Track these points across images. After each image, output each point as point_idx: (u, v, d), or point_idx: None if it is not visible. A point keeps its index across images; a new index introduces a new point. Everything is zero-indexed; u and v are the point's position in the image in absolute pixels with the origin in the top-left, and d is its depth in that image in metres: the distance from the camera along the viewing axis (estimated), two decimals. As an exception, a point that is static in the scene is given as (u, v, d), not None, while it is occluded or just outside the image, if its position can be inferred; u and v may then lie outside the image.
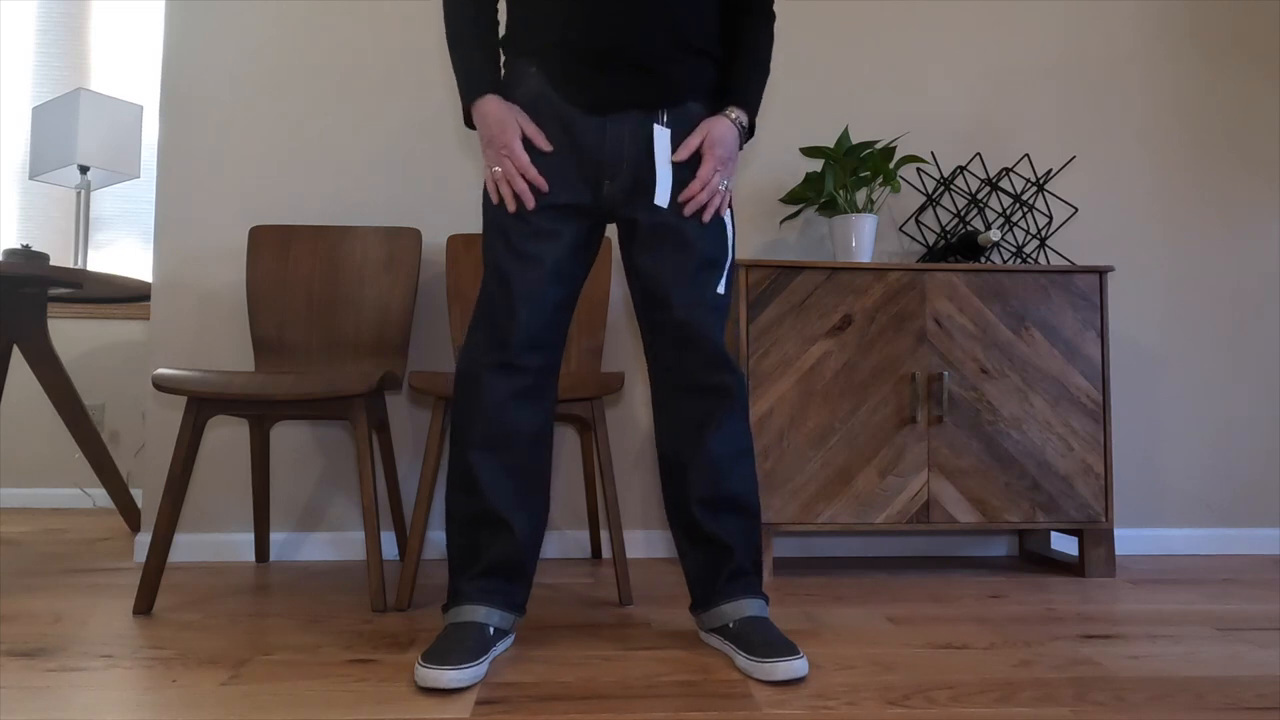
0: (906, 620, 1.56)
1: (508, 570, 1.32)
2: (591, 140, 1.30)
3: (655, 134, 1.29)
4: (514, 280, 1.29)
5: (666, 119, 1.31)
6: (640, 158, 1.31)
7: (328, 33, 2.24)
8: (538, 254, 1.29)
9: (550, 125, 1.30)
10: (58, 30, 3.26)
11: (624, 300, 2.25)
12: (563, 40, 1.28)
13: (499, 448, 1.31)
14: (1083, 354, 1.98)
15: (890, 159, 2.04)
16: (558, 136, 1.30)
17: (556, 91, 1.30)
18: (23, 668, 1.25)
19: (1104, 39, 2.38)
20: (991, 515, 1.94)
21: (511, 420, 1.31)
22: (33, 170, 2.76)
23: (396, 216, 2.23)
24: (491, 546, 1.31)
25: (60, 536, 2.48)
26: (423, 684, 1.15)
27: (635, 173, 1.31)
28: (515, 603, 1.33)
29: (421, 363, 2.21)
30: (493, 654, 1.26)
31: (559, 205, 1.31)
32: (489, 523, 1.31)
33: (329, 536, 2.16)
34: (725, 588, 1.34)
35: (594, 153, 1.30)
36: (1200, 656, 1.34)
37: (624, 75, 1.28)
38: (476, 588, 1.30)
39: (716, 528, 1.34)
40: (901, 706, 1.11)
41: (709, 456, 1.33)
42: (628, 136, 1.30)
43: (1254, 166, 2.39)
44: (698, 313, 1.31)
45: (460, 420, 1.32)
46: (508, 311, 1.29)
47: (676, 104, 1.32)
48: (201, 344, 2.17)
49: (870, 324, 1.95)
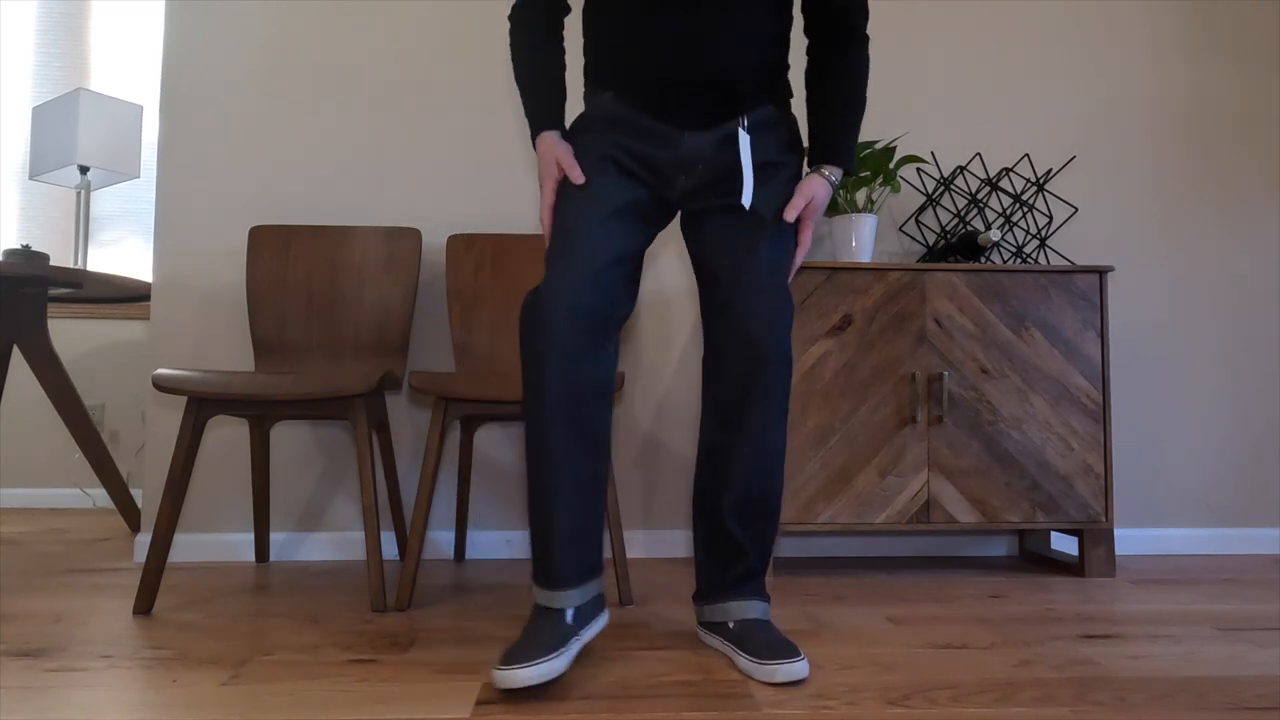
0: (906, 620, 1.56)
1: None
2: (669, 141, 1.33)
3: (740, 139, 1.32)
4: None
5: (747, 124, 1.34)
6: (715, 157, 1.33)
7: (328, 33, 2.24)
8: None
9: (629, 128, 1.34)
10: (58, 30, 3.26)
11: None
12: (630, 73, 1.32)
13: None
14: (1083, 354, 1.98)
15: (890, 159, 2.04)
16: (637, 135, 1.33)
17: (635, 111, 1.34)
18: (23, 668, 1.25)
19: (1104, 39, 2.38)
20: (991, 515, 1.94)
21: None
22: (33, 170, 2.76)
23: (396, 216, 2.23)
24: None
25: (60, 536, 2.48)
26: (500, 686, 1.11)
27: (712, 171, 1.34)
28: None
29: (421, 363, 2.21)
30: (582, 639, 1.23)
31: (629, 169, 1.34)
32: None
33: (329, 536, 2.16)
34: (733, 586, 1.34)
35: (673, 155, 1.33)
36: (1200, 656, 1.34)
37: (696, 100, 1.31)
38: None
39: (739, 527, 1.33)
40: (901, 706, 1.11)
41: (746, 453, 1.31)
42: (707, 142, 1.33)
43: (1254, 167, 2.39)
44: (757, 307, 1.30)
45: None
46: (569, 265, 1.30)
47: (752, 110, 1.35)
48: (201, 344, 2.17)
49: (870, 324, 1.95)
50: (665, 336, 2.25)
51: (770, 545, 1.36)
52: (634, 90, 1.33)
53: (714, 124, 1.33)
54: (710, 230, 1.35)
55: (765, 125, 1.35)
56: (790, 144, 1.39)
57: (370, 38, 2.25)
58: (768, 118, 1.36)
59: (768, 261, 1.31)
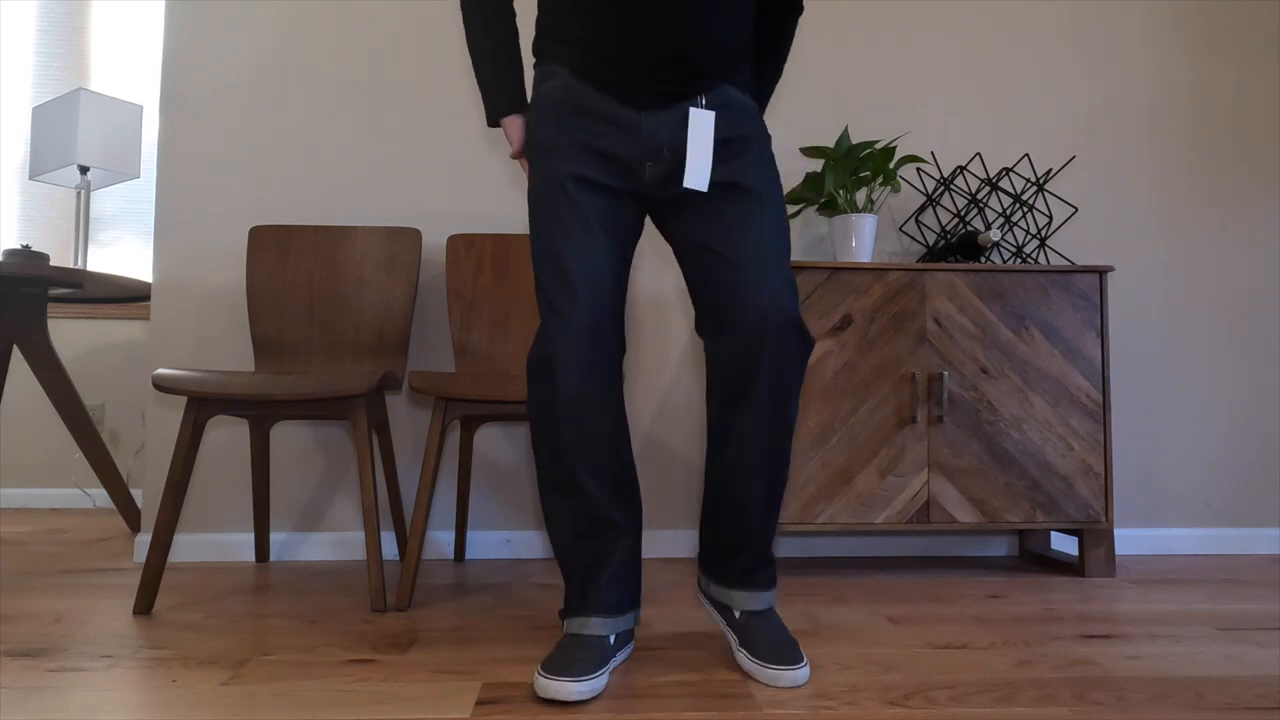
0: (906, 620, 1.56)
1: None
2: (629, 129, 1.28)
3: (692, 116, 1.26)
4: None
5: (705, 103, 1.29)
6: (677, 139, 1.28)
7: (328, 33, 2.24)
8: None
9: (587, 118, 1.28)
10: (58, 30, 3.26)
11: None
12: (590, 43, 1.27)
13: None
14: (1083, 354, 1.98)
15: (890, 159, 2.04)
16: (596, 127, 1.28)
17: (590, 88, 1.28)
18: (23, 668, 1.25)
19: (1104, 39, 2.38)
20: (991, 515, 1.94)
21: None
22: (33, 170, 2.76)
23: (396, 216, 2.23)
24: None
25: (60, 536, 2.48)
26: (543, 695, 1.13)
27: (679, 155, 1.29)
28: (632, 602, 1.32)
29: (421, 363, 2.21)
30: (614, 663, 1.25)
31: (597, 183, 1.29)
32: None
33: (329, 536, 2.16)
34: (741, 574, 1.31)
35: (636, 146, 1.28)
36: (1200, 656, 1.34)
37: (655, 74, 1.26)
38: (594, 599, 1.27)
39: (744, 507, 1.29)
40: (901, 706, 1.11)
41: (749, 433, 1.26)
42: (665, 124, 1.28)
43: (1254, 166, 2.39)
44: (768, 279, 1.25)
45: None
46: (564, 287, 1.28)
47: (711, 90, 1.30)
48: (201, 344, 2.17)
49: (870, 324, 1.95)
50: (665, 336, 2.25)
51: (774, 527, 1.32)
52: (590, 63, 1.27)
53: (672, 103, 1.28)
54: (696, 211, 1.30)
55: (729, 104, 1.30)
56: (756, 123, 1.34)
57: (370, 38, 2.25)
58: (729, 99, 1.31)
59: (770, 233, 1.27)
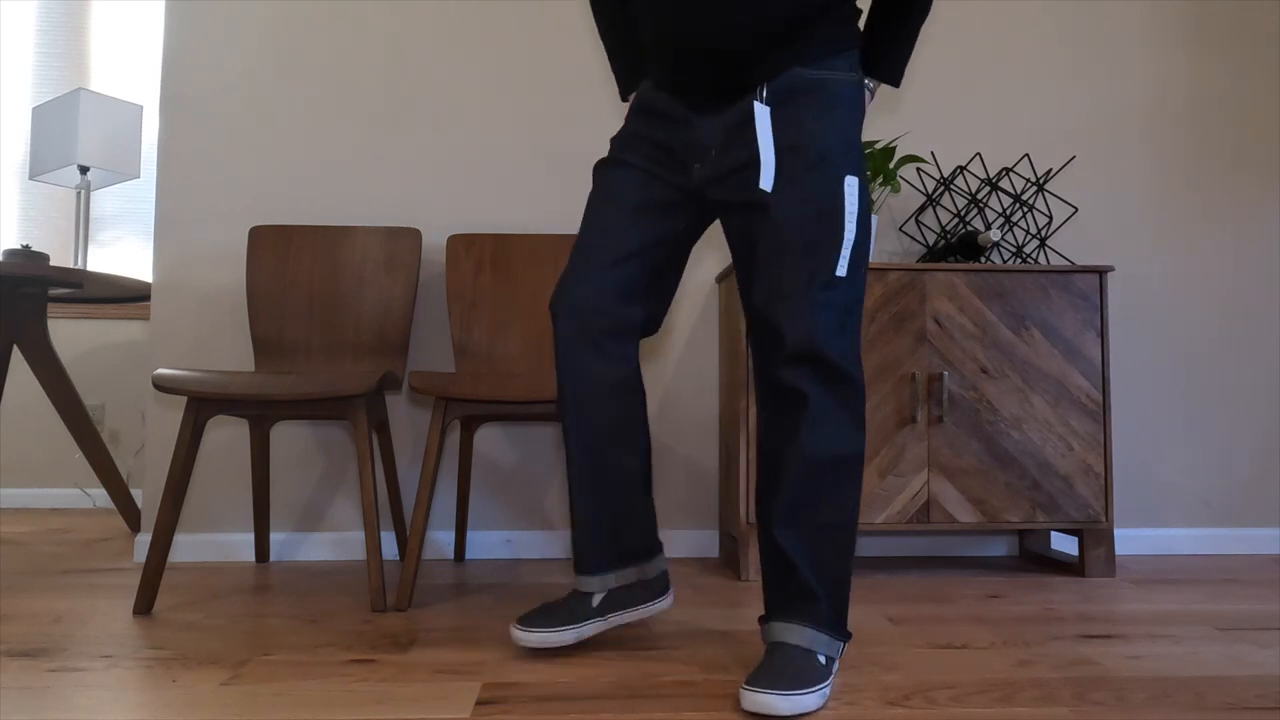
0: (906, 620, 1.56)
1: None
2: (683, 127, 1.24)
3: (757, 113, 1.16)
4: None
5: (766, 93, 1.18)
6: (726, 146, 1.21)
7: (328, 33, 2.24)
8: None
9: (651, 115, 1.29)
10: (58, 30, 3.26)
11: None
12: (649, 45, 1.27)
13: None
14: (1083, 354, 1.98)
15: (890, 159, 2.04)
16: (656, 122, 1.28)
17: (654, 88, 1.30)
18: (23, 668, 1.25)
19: (1104, 39, 2.38)
20: (991, 515, 1.94)
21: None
22: (33, 170, 2.76)
23: (396, 216, 2.23)
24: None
25: (60, 536, 2.48)
26: (513, 640, 1.31)
27: (725, 161, 1.22)
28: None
29: (421, 363, 2.21)
30: (594, 622, 1.33)
31: (647, 170, 1.28)
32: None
33: (329, 536, 2.16)
34: (781, 606, 1.19)
35: (686, 140, 1.24)
36: (1200, 656, 1.34)
37: (691, 69, 1.20)
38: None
39: (783, 539, 1.18)
40: (901, 706, 1.11)
41: (791, 461, 1.17)
42: (716, 128, 1.21)
43: (1254, 166, 2.39)
44: (784, 304, 1.16)
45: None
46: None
47: (775, 76, 1.18)
48: (201, 344, 2.17)
49: (870, 324, 1.95)
50: (666, 336, 2.25)
51: (829, 561, 1.18)
52: (653, 65, 1.28)
53: (723, 105, 1.20)
54: (734, 229, 1.24)
55: (796, 91, 1.16)
56: (832, 106, 1.17)
57: (370, 38, 2.25)
58: (798, 82, 1.17)
59: (804, 267, 1.15)
